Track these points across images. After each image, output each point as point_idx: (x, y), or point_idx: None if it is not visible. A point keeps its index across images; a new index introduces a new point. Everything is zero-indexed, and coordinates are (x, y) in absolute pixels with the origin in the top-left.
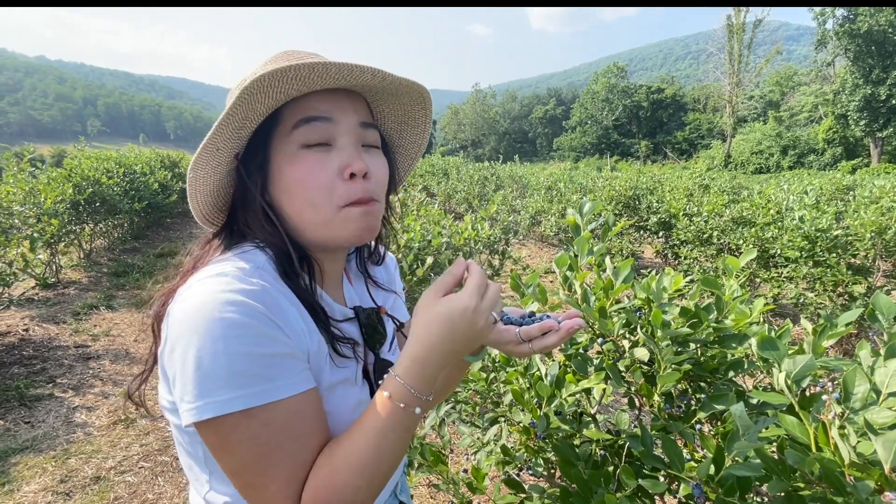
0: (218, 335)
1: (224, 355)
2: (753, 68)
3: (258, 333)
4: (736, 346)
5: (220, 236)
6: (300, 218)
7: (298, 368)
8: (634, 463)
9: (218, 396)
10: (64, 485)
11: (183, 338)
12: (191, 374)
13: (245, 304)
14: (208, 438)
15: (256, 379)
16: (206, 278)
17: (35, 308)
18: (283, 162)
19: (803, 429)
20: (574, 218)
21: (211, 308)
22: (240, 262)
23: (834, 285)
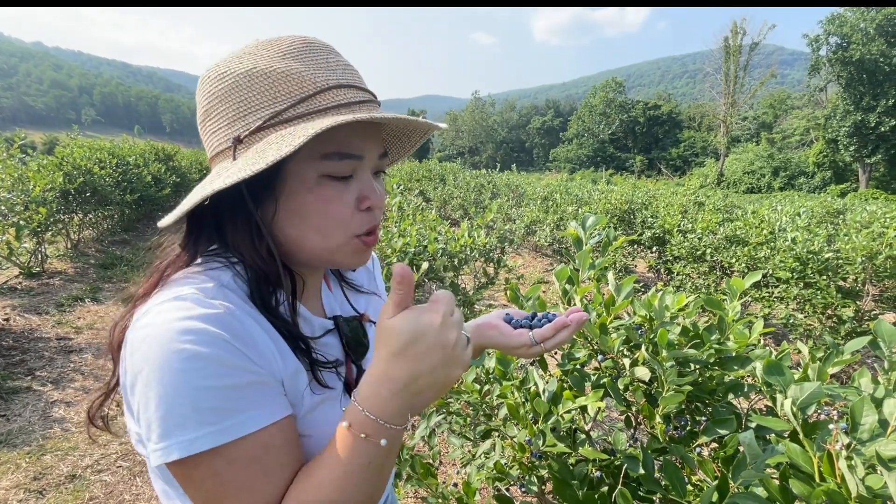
0: (176, 369)
1: (185, 391)
2: (748, 90)
3: (221, 364)
4: (738, 368)
5: (183, 249)
6: (301, 242)
7: (271, 396)
8: (630, 484)
9: (181, 436)
10: (37, 482)
11: (142, 373)
12: (152, 413)
13: (205, 331)
14: (175, 475)
15: (222, 414)
16: (162, 303)
17: (17, 297)
18: (300, 188)
19: (807, 457)
20: (576, 231)
21: (168, 339)
22: (201, 281)
23: (823, 307)
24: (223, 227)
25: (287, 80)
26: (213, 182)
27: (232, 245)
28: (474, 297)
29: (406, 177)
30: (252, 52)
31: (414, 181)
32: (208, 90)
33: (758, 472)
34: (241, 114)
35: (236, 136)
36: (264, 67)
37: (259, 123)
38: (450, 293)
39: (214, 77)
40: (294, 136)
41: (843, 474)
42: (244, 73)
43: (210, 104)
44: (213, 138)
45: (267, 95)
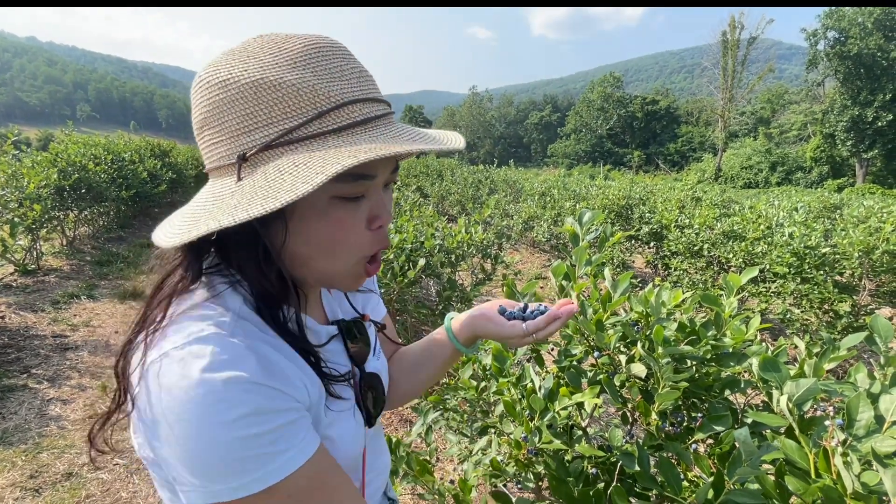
0: (216, 423)
1: (227, 444)
2: (746, 84)
3: (260, 411)
4: (735, 364)
5: (185, 269)
6: (308, 263)
7: (305, 429)
8: (626, 481)
9: (229, 483)
10: (33, 480)
11: (173, 427)
12: (190, 465)
13: (238, 379)
14: None
15: (266, 458)
16: (183, 346)
17: (13, 295)
18: (310, 212)
19: (803, 454)
20: (573, 227)
21: (201, 392)
22: (217, 315)
23: (820, 302)
24: (226, 248)
25: (298, 95)
26: (220, 211)
27: (237, 267)
28: (472, 294)
29: (403, 173)
30: (258, 56)
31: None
32: (208, 97)
33: (753, 469)
34: (245, 128)
35: (241, 153)
36: (273, 78)
37: (266, 141)
38: None
39: (216, 84)
40: (310, 167)
41: (838, 471)
42: (250, 83)
43: (210, 112)
44: (212, 150)
45: (276, 110)
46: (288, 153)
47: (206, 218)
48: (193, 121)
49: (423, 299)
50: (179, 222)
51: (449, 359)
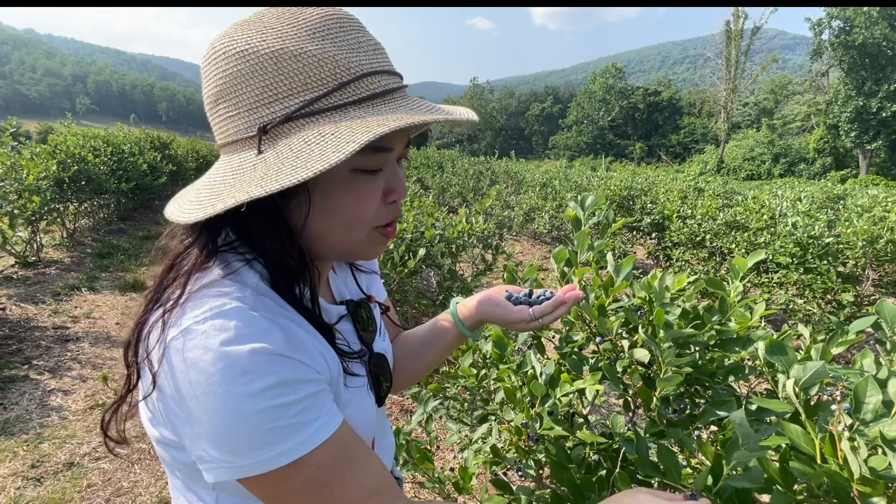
0: (241, 394)
1: (252, 415)
2: (749, 75)
3: (285, 382)
4: (740, 349)
5: (202, 247)
6: (325, 236)
7: (330, 401)
8: (629, 468)
9: (254, 458)
10: (35, 470)
11: (199, 401)
12: (220, 438)
13: (263, 350)
14: (256, 491)
15: (294, 429)
16: (205, 320)
17: (13, 287)
18: (331, 186)
19: (808, 439)
20: (575, 212)
21: (226, 364)
22: (237, 290)
23: (823, 292)
24: (245, 224)
25: (320, 65)
26: (246, 183)
27: (257, 243)
28: (472, 284)
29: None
30: (276, 27)
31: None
32: (224, 69)
33: (751, 453)
34: (265, 100)
35: (261, 125)
36: (294, 49)
37: (287, 112)
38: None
39: (234, 54)
40: (339, 137)
41: (845, 455)
42: (270, 53)
43: (226, 84)
44: (228, 123)
45: (297, 81)
46: (311, 124)
47: (229, 191)
48: (206, 95)
49: (423, 290)
50: (196, 198)
51: (453, 342)
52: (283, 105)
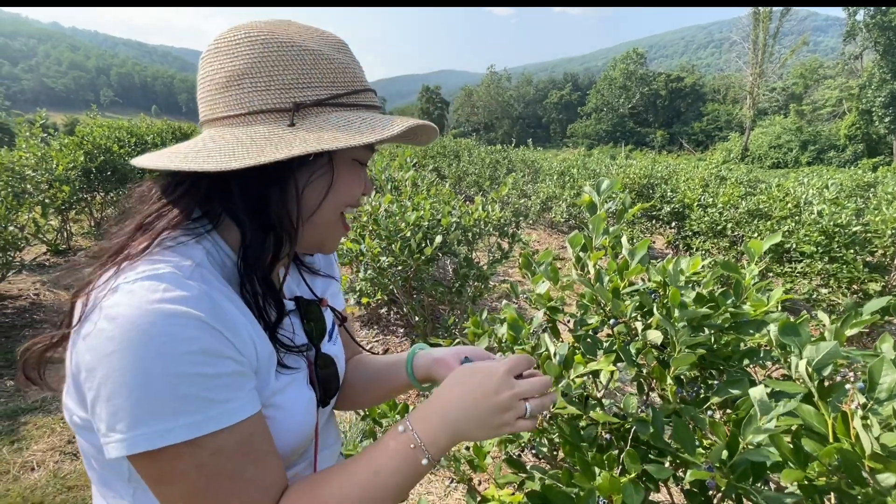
0: (156, 353)
1: (163, 377)
2: (778, 59)
3: (205, 350)
4: (753, 332)
5: (182, 207)
6: (318, 212)
7: (248, 388)
8: (640, 448)
9: (156, 426)
10: (71, 445)
11: (111, 357)
12: (122, 400)
13: (188, 315)
14: (144, 469)
15: (202, 403)
16: (135, 281)
17: (46, 273)
18: (344, 171)
19: (821, 419)
20: (590, 196)
21: (147, 321)
22: (176, 260)
23: (849, 282)
24: (259, 187)
25: (344, 72)
26: (285, 144)
27: (274, 212)
28: (488, 272)
29: (420, 153)
30: (309, 34)
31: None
32: (261, 51)
33: (769, 429)
34: (299, 84)
35: (296, 102)
36: (328, 54)
37: (318, 98)
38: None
39: (275, 42)
40: (377, 122)
41: (857, 433)
42: (311, 51)
43: (259, 63)
44: (255, 95)
45: (327, 78)
46: (338, 112)
47: (273, 148)
48: (226, 68)
49: (439, 278)
50: (216, 152)
51: (401, 387)
52: (314, 92)
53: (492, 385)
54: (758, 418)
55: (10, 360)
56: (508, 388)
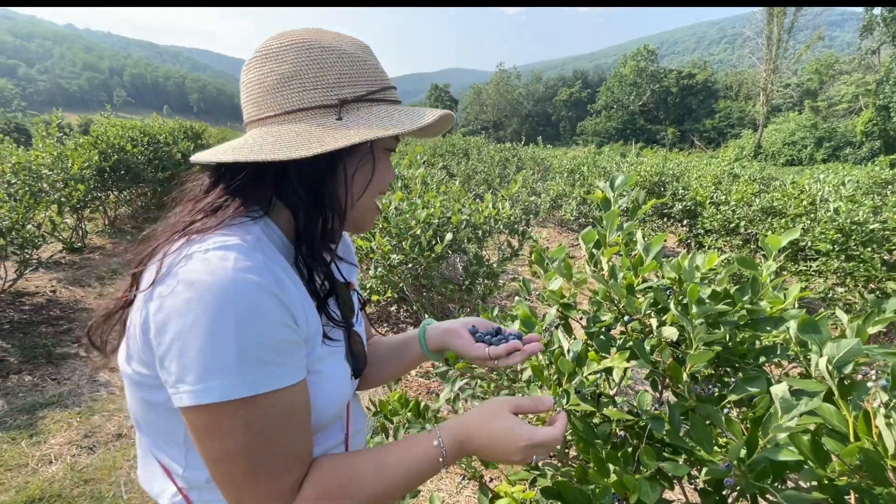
0: (226, 316)
1: (234, 338)
2: (792, 54)
3: (268, 316)
4: (771, 329)
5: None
6: (362, 197)
7: (299, 356)
8: (655, 445)
9: (220, 381)
10: (88, 439)
11: (186, 316)
12: (193, 355)
13: (255, 283)
14: (195, 421)
15: (261, 365)
16: (208, 251)
17: (62, 271)
18: (381, 158)
19: (842, 418)
20: (604, 192)
21: (220, 286)
22: (241, 233)
23: (866, 281)
24: (318, 175)
25: (374, 71)
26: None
27: (327, 196)
28: (499, 270)
29: (429, 151)
30: (344, 39)
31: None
32: (308, 55)
33: (790, 428)
34: (341, 83)
35: (341, 98)
36: (361, 56)
37: (358, 94)
38: (564, 426)
39: (319, 47)
40: (415, 114)
41: (879, 432)
42: (348, 54)
43: (307, 66)
44: (304, 94)
45: (362, 77)
46: (376, 106)
47: (331, 138)
48: (275, 72)
49: (449, 276)
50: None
51: (416, 360)
52: (354, 90)
53: (516, 445)
54: (779, 416)
55: (29, 356)
56: (528, 453)
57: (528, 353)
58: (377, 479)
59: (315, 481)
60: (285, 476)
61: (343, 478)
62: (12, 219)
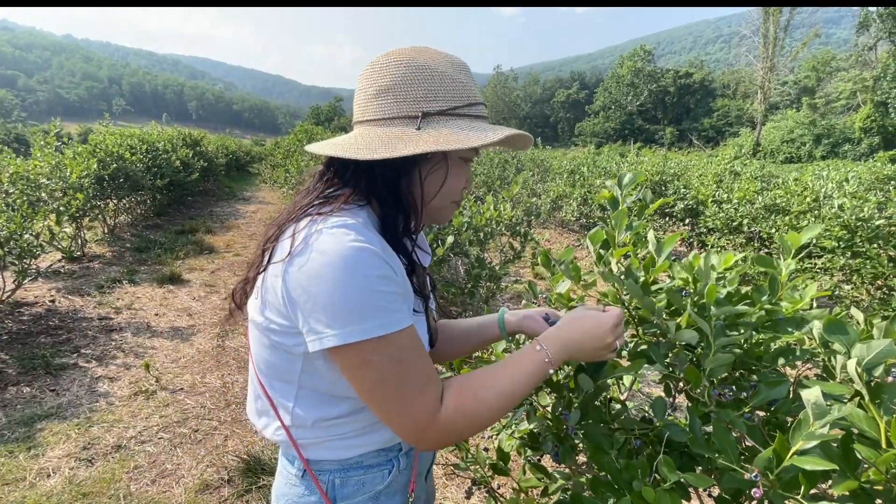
0: (360, 276)
1: (365, 293)
2: (789, 52)
3: (385, 276)
4: (793, 330)
5: (355, 185)
6: (436, 198)
7: (407, 307)
8: (673, 452)
9: (359, 325)
10: (86, 451)
11: (324, 278)
12: (335, 306)
13: (374, 252)
14: (347, 359)
15: (385, 311)
16: (333, 227)
17: (61, 280)
18: (455, 166)
19: (872, 423)
20: (612, 191)
21: (348, 254)
22: (353, 216)
23: (873, 278)
24: (396, 175)
25: (463, 89)
26: (414, 143)
27: (407, 192)
28: (501, 272)
29: None
30: (439, 58)
31: None
32: (404, 71)
33: (822, 435)
34: (426, 98)
35: (424, 111)
36: (451, 74)
37: (441, 108)
38: (621, 313)
39: (415, 65)
40: (487, 130)
41: None
42: (439, 72)
43: (401, 80)
44: (394, 105)
45: (449, 93)
46: (453, 120)
47: (404, 145)
48: (376, 84)
49: (451, 279)
50: (368, 145)
51: (488, 341)
52: (437, 104)
53: (601, 331)
54: (809, 423)
55: (27, 368)
56: (613, 335)
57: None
58: (501, 382)
59: (452, 393)
60: (429, 389)
61: (474, 385)
62: (10, 228)
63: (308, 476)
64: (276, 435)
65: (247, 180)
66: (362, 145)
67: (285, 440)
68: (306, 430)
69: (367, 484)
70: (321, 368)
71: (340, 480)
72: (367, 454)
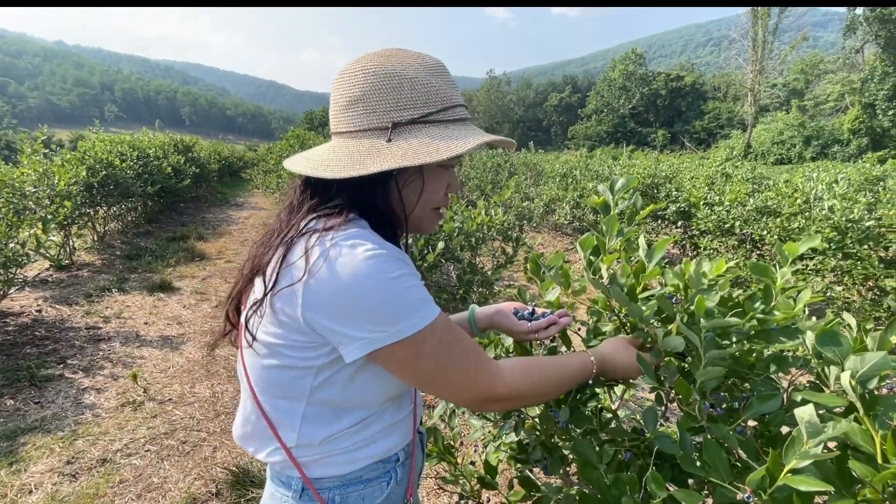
0: (388, 279)
1: (400, 292)
2: (778, 55)
3: (410, 273)
4: (785, 340)
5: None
6: (415, 208)
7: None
8: (664, 465)
9: (407, 321)
10: (70, 466)
11: (352, 288)
12: (377, 312)
13: (390, 255)
14: (399, 356)
15: (420, 303)
16: (345, 239)
17: (48, 289)
18: (431, 175)
19: (867, 436)
20: (604, 196)
21: (373, 263)
22: (358, 226)
23: (864, 279)
24: (372, 188)
25: (437, 93)
26: (384, 158)
27: (376, 202)
28: (493, 277)
29: None
30: (410, 62)
31: None
32: (372, 80)
33: (815, 455)
34: (398, 107)
35: (393, 122)
36: (423, 79)
37: (412, 117)
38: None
39: (382, 73)
40: (459, 138)
41: None
42: (409, 78)
43: (370, 90)
44: (364, 117)
45: (420, 100)
46: (426, 129)
47: (373, 161)
48: (346, 95)
49: (443, 284)
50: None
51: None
52: (409, 112)
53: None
54: (803, 441)
55: (12, 379)
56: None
57: (562, 325)
58: (552, 369)
59: (508, 362)
60: (482, 357)
61: (528, 363)
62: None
63: (307, 496)
64: (271, 457)
65: (240, 186)
66: (333, 162)
67: (283, 460)
68: (312, 449)
69: (367, 498)
70: (341, 379)
71: (341, 497)
72: (366, 467)
